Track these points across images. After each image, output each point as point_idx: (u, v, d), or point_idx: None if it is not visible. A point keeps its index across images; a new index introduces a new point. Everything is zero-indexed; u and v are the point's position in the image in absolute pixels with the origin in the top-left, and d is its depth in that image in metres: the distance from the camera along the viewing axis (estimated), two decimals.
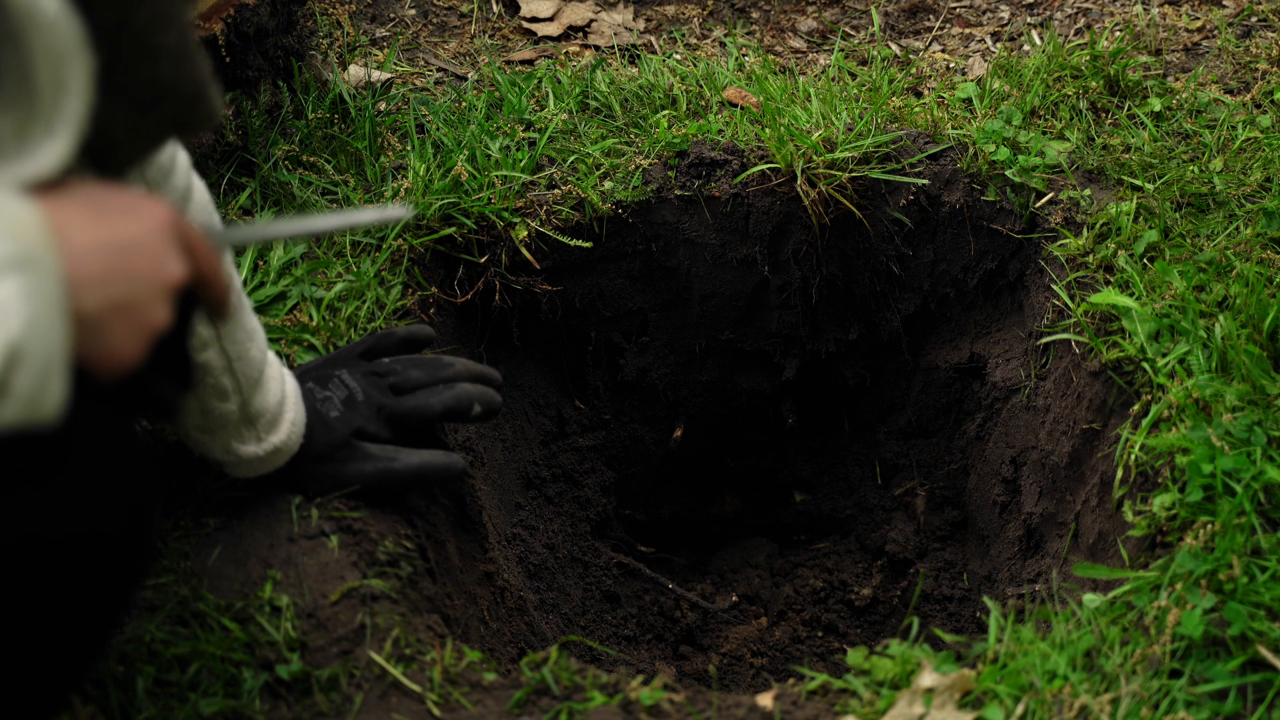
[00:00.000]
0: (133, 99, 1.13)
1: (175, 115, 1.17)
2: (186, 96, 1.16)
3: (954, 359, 2.29)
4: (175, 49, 1.13)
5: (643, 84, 2.32)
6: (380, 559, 1.58)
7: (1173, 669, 1.42)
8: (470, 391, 1.69)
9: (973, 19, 2.65)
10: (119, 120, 1.13)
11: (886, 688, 1.45)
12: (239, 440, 1.53)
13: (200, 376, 1.46)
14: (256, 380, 1.51)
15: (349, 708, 1.43)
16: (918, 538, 2.36)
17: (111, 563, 1.21)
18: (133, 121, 1.14)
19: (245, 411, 1.51)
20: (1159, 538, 1.59)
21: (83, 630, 1.24)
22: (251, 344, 1.50)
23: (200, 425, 1.51)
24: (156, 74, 1.12)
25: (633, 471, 2.45)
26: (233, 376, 1.48)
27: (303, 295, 1.88)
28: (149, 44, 1.11)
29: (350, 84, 2.30)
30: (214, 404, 1.49)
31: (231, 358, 1.47)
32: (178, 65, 1.14)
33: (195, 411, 1.49)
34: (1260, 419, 1.61)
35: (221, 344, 1.46)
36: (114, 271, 1.02)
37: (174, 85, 1.14)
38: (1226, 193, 2.03)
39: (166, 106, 1.15)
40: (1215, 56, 2.42)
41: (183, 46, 1.14)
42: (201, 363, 1.45)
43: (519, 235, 2.05)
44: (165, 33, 1.11)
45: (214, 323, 1.28)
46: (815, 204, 2.14)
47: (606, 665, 2.13)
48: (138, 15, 1.09)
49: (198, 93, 1.17)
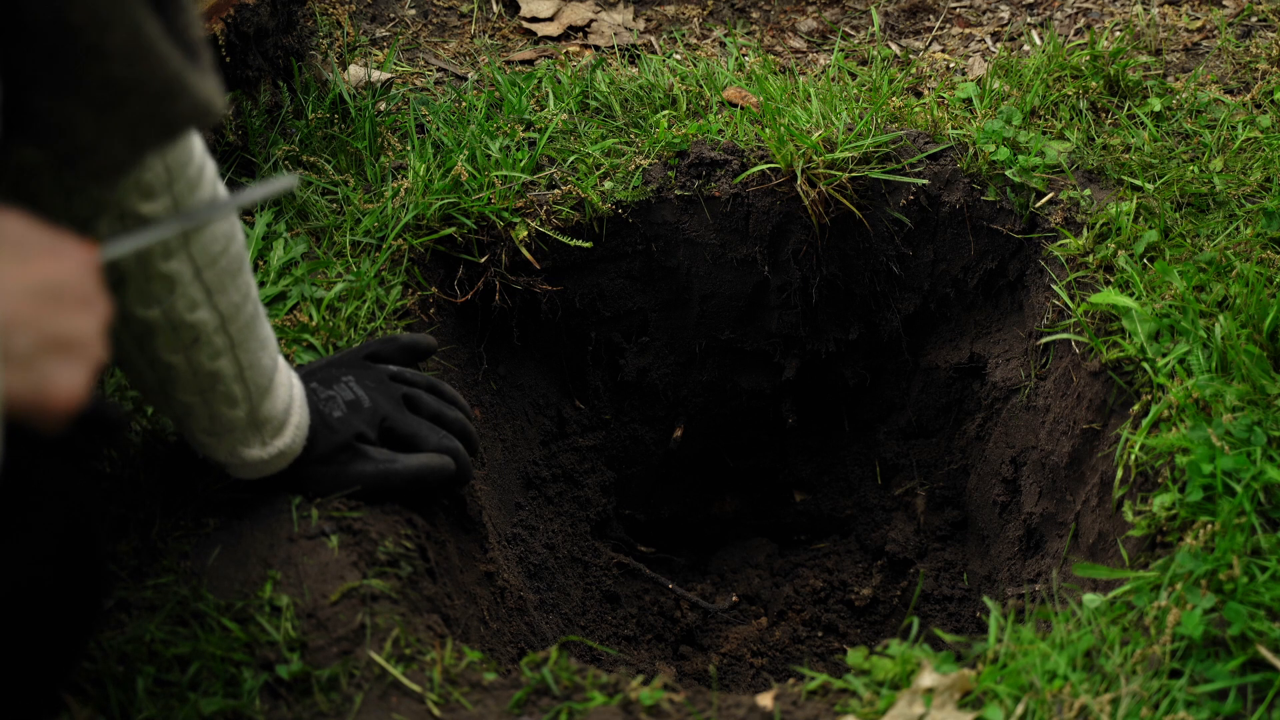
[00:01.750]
0: (90, 99, 1.09)
1: (146, 114, 1.13)
2: (154, 93, 1.12)
3: (954, 359, 2.29)
4: (126, 50, 1.09)
5: (643, 84, 2.32)
6: (380, 559, 1.58)
7: (1173, 669, 1.42)
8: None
9: (973, 19, 2.65)
10: (81, 121, 1.10)
11: (886, 688, 1.45)
12: (244, 445, 1.52)
13: (209, 383, 1.45)
14: (266, 388, 1.50)
15: (349, 708, 1.43)
16: (918, 538, 2.36)
17: (59, 614, 1.21)
18: (97, 123, 1.11)
19: (253, 417, 1.50)
20: (1159, 538, 1.59)
21: (37, 668, 1.23)
22: (264, 352, 1.49)
23: (207, 429, 1.50)
24: (109, 74, 1.09)
25: (633, 471, 2.45)
26: (243, 384, 1.47)
27: (303, 295, 1.88)
28: (92, 44, 1.07)
29: (350, 84, 2.30)
30: (223, 410, 1.48)
31: (243, 366, 1.47)
32: (133, 65, 1.10)
33: (204, 417, 1.48)
34: (1260, 419, 1.61)
35: (235, 352, 1.45)
36: (46, 312, 0.99)
37: (135, 84, 1.10)
38: (1226, 193, 2.03)
39: (131, 106, 1.11)
40: (1215, 56, 2.42)
41: (136, 48, 1.09)
42: (213, 370, 1.44)
43: (519, 235, 2.05)
44: (108, 34, 1.07)
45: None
46: (815, 204, 2.14)
47: (606, 665, 2.13)
48: (71, 15, 1.06)
49: (168, 89, 1.13)
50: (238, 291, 1.43)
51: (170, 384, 1.44)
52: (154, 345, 1.40)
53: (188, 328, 1.40)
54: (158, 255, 1.34)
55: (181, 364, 1.42)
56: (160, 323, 1.38)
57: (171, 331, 1.39)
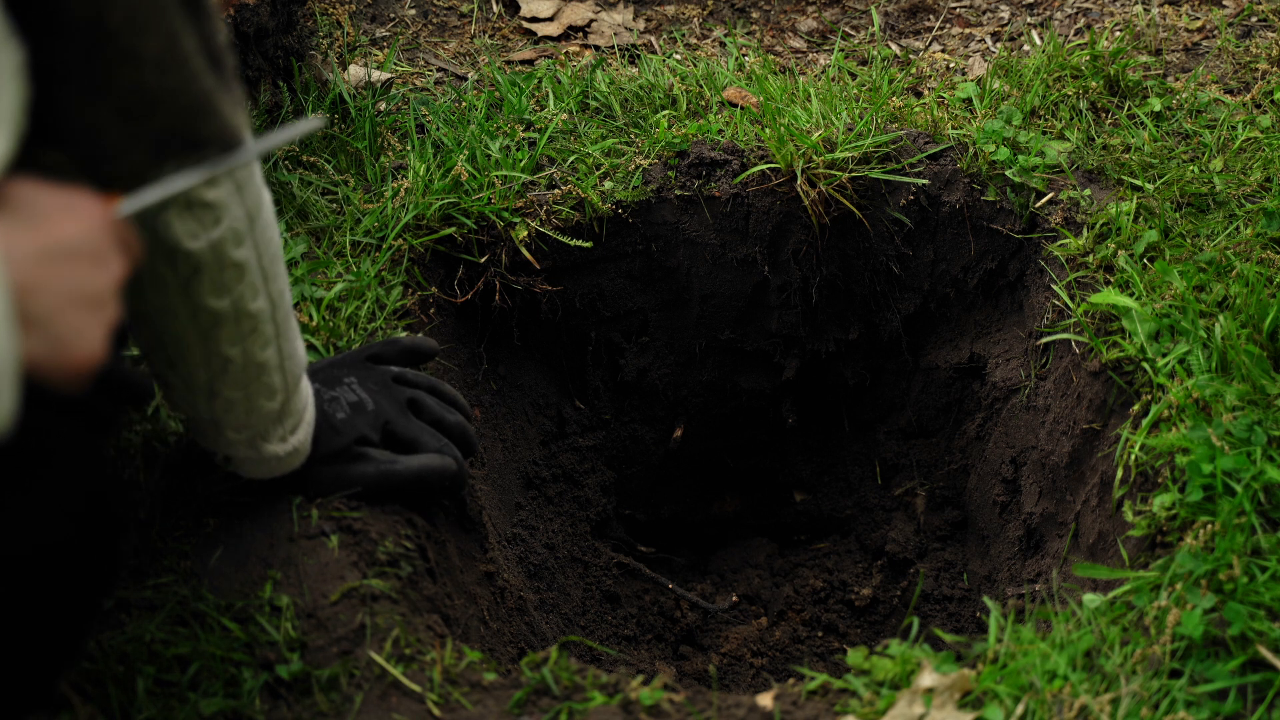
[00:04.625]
0: (119, 106, 1.11)
1: (172, 128, 1.14)
2: (182, 109, 1.13)
3: (954, 359, 2.29)
4: (160, 58, 1.10)
5: (643, 84, 2.32)
6: (380, 559, 1.58)
7: (1173, 669, 1.42)
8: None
9: (973, 19, 2.65)
10: (106, 126, 1.11)
11: (886, 688, 1.45)
12: (265, 439, 1.51)
13: (256, 374, 1.44)
14: (299, 378, 1.50)
15: (349, 708, 1.43)
16: (918, 538, 2.36)
17: (76, 576, 1.21)
18: (123, 129, 1.12)
19: (283, 410, 1.50)
20: (1159, 538, 1.59)
21: (46, 643, 1.23)
22: (298, 342, 1.49)
23: (240, 424, 1.48)
24: (140, 82, 1.10)
25: (633, 471, 2.45)
26: (283, 374, 1.47)
27: (303, 295, 1.88)
28: (127, 48, 1.08)
29: (350, 84, 2.30)
30: (261, 403, 1.47)
31: (284, 355, 1.46)
32: (164, 75, 1.11)
33: (241, 412, 1.46)
34: (1260, 419, 1.61)
35: (279, 341, 1.44)
36: (61, 273, 1.00)
37: (164, 96, 1.12)
38: (1226, 193, 2.03)
39: (159, 117, 1.13)
40: (1215, 56, 2.42)
41: (170, 58, 1.11)
42: (261, 361, 1.43)
43: (519, 235, 2.06)
44: (145, 39, 1.09)
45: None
46: (815, 204, 2.14)
47: (606, 665, 2.13)
48: (111, 16, 1.07)
49: (197, 107, 1.14)
50: (282, 278, 1.43)
51: (222, 379, 1.43)
52: (218, 338, 1.39)
53: (249, 317, 1.39)
54: (230, 243, 1.33)
55: (238, 356, 1.41)
56: (228, 313, 1.37)
57: (235, 322, 1.39)
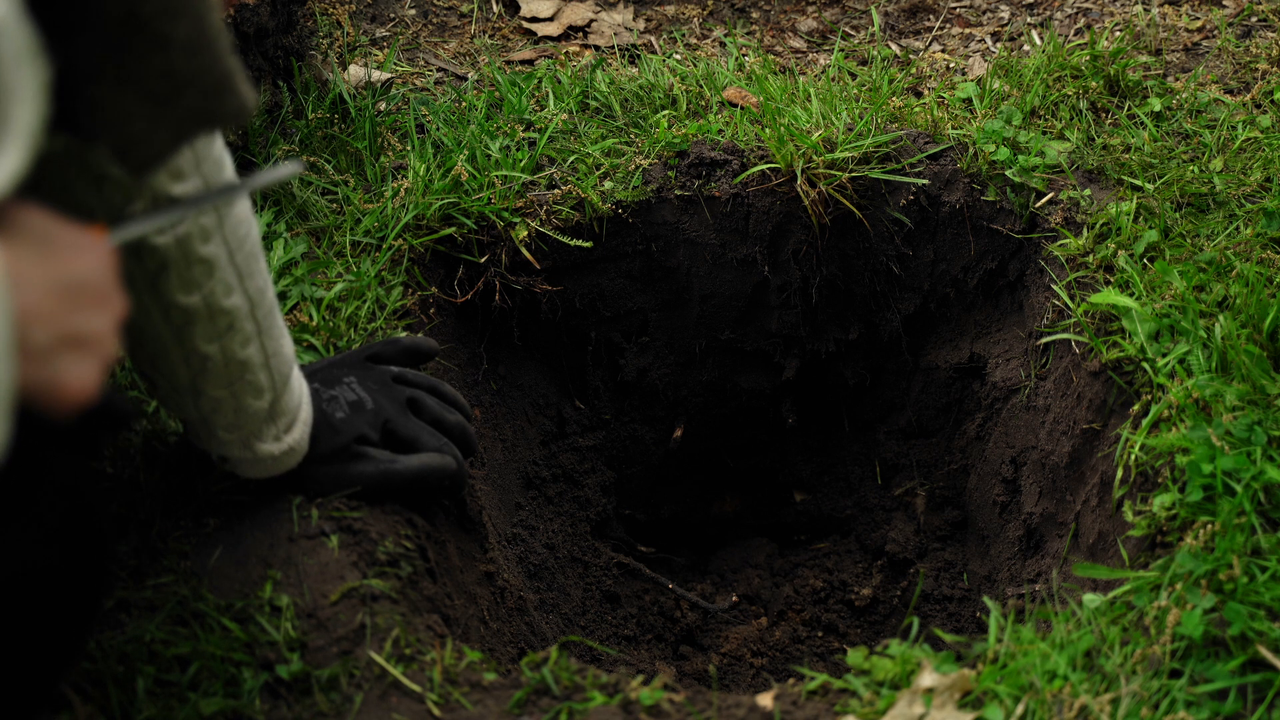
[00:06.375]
0: (148, 91, 1.12)
1: (198, 108, 1.16)
2: (208, 88, 1.15)
3: (954, 359, 2.29)
4: (190, 41, 1.12)
5: (643, 84, 2.32)
6: (380, 559, 1.58)
7: (1173, 669, 1.42)
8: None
9: (973, 19, 2.65)
10: (136, 112, 1.12)
11: (886, 688, 1.45)
12: (258, 438, 1.52)
13: (239, 373, 1.46)
14: (287, 376, 1.51)
15: (349, 708, 1.43)
16: (918, 538, 2.36)
17: (64, 594, 1.22)
18: (151, 114, 1.13)
19: (274, 408, 1.51)
20: (1159, 538, 1.59)
21: (34, 660, 1.23)
22: (284, 340, 1.50)
23: (230, 424, 1.50)
24: (170, 66, 1.12)
25: (633, 471, 2.45)
26: (269, 372, 1.48)
27: (303, 295, 1.88)
28: (159, 35, 1.10)
29: (350, 84, 2.30)
30: (249, 402, 1.48)
31: (269, 353, 1.47)
32: (193, 57, 1.13)
33: (229, 411, 1.48)
34: (1260, 419, 1.61)
35: (261, 339, 1.46)
36: (64, 306, 1.01)
37: (192, 77, 1.13)
38: (1226, 193, 2.03)
39: (186, 99, 1.14)
40: (1215, 56, 2.42)
41: (199, 38, 1.13)
42: (243, 359, 1.45)
43: (519, 235, 2.06)
44: (176, 23, 1.10)
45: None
46: (815, 204, 2.14)
47: (606, 665, 2.13)
48: (145, 5, 1.08)
49: (220, 84, 1.16)
50: (261, 276, 1.45)
51: (203, 377, 1.45)
52: (193, 335, 1.41)
53: (224, 313, 1.41)
54: (197, 239, 1.36)
55: (216, 354, 1.43)
56: (200, 310, 1.40)
57: (209, 319, 1.41)
